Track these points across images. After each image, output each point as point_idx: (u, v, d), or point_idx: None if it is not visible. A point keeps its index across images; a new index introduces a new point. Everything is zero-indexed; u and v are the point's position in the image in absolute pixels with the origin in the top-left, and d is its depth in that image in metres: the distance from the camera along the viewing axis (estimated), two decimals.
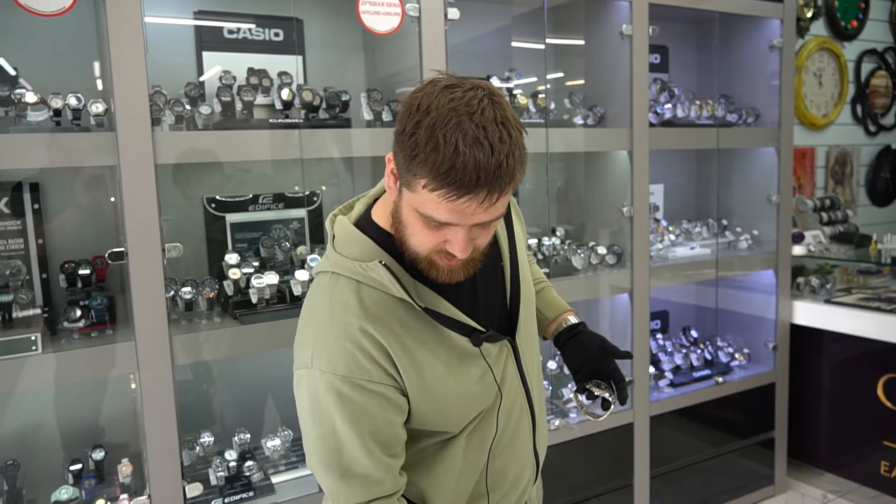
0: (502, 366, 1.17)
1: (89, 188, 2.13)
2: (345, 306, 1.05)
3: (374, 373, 1.03)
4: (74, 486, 1.93)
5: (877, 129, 4.34)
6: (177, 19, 2.21)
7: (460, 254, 1.00)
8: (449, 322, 1.08)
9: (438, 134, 0.90)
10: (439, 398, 1.09)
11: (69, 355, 1.74)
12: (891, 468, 2.94)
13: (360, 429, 1.03)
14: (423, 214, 0.97)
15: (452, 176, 0.89)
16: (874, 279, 3.37)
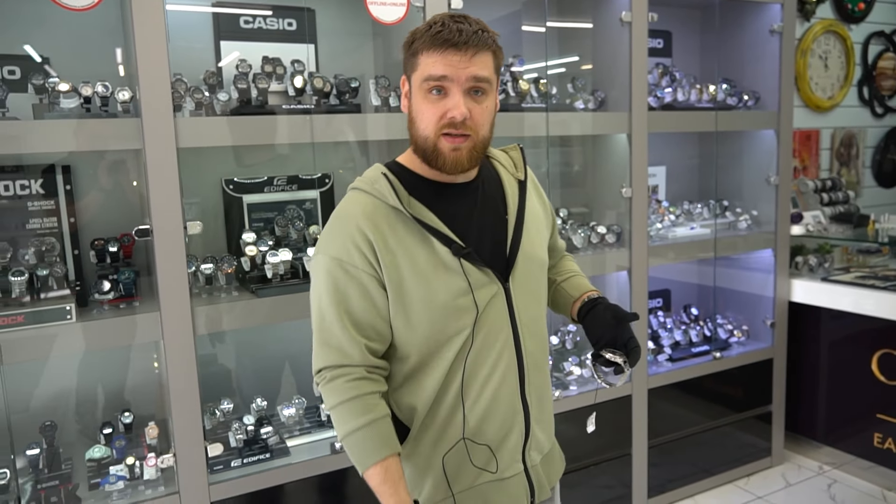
0: (488, 299, 1.29)
1: (115, 171, 2.27)
2: (350, 210, 1.29)
3: (358, 260, 1.24)
4: (106, 446, 2.10)
5: (884, 110, 4.37)
6: (197, 7, 2.33)
7: (458, 114, 1.20)
8: (430, 229, 1.26)
9: (430, 22, 1.24)
10: (412, 296, 1.25)
11: (101, 324, 1.90)
12: (884, 440, 3.04)
13: (338, 306, 1.25)
14: (425, 78, 1.22)
15: (443, 35, 1.20)
16: (873, 258, 3.44)
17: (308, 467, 2.18)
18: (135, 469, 2.04)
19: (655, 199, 3.30)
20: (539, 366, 1.40)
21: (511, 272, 1.33)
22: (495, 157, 1.45)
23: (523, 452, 1.38)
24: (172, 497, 2.00)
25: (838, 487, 3.09)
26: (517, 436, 1.36)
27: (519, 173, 1.43)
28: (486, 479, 1.36)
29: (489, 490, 1.36)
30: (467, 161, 1.26)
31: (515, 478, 1.38)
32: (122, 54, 2.17)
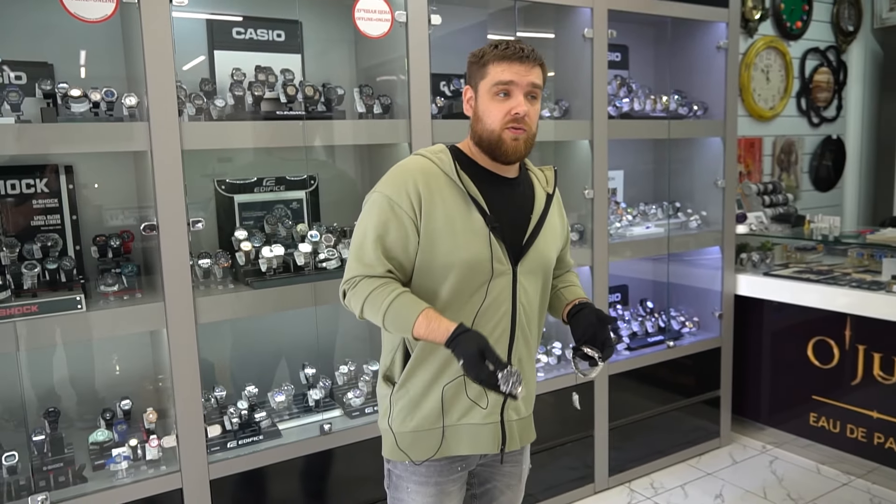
0: (501, 271, 1.55)
1: (114, 171, 2.41)
2: (412, 165, 1.57)
3: (405, 204, 1.51)
4: (108, 430, 2.23)
5: (819, 120, 4.75)
6: (194, 14, 2.48)
7: (521, 110, 1.50)
8: (473, 200, 1.54)
9: (494, 43, 1.55)
10: (440, 245, 1.52)
11: (110, 313, 2.04)
12: (818, 418, 3.36)
13: (378, 233, 1.52)
14: (495, 83, 1.51)
15: (510, 50, 1.52)
16: (809, 255, 3.77)
17: (298, 448, 2.35)
18: (138, 450, 2.18)
19: (614, 200, 3.55)
20: (526, 339, 1.64)
21: (521, 259, 1.58)
22: (533, 171, 1.72)
23: (502, 408, 1.62)
24: (174, 475, 2.15)
25: (779, 464, 3.39)
26: None
27: (549, 188, 1.70)
28: (468, 421, 1.60)
29: (469, 431, 1.60)
30: (524, 149, 1.55)
31: (491, 426, 1.61)
32: (124, 61, 2.30)
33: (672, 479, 3.28)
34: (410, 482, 1.64)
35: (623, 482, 3.23)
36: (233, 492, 2.25)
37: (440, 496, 1.64)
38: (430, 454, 1.60)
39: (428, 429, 1.60)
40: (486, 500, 1.78)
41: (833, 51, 4.76)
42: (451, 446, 1.61)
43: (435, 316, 1.45)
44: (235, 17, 2.55)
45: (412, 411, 1.61)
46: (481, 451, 1.63)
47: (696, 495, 3.12)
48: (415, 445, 1.61)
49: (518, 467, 1.78)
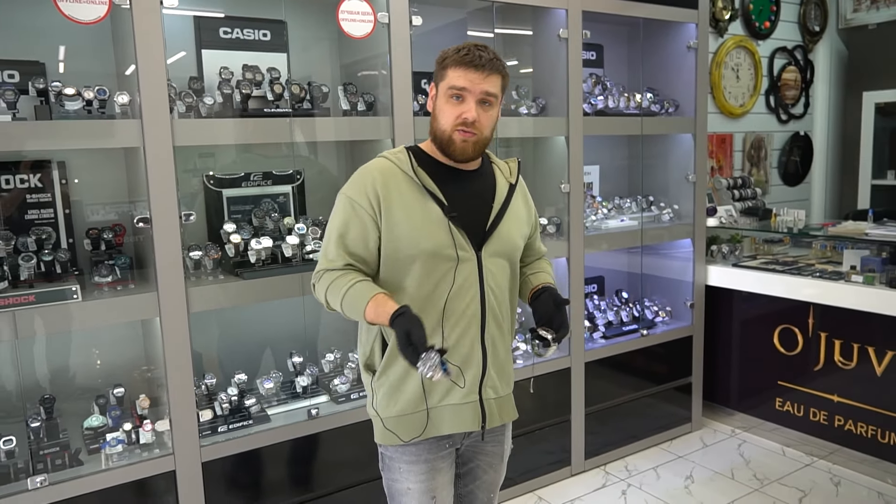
0: (465, 257, 1.64)
1: (105, 167, 2.48)
2: (372, 166, 1.68)
3: (364, 204, 1.63)
4: (102, 416, 2.32)
5: (787, 117, 4.92)
6: (184, 11, 2.55)
7: (470, 116, 1.59)
8: (430, 193, 1.64)
9: (459, 47, 1.63)
10: (403, 238, 1.63)
11: (105, 303, 2.12)
12: (783, 403, 3.52)
13: (339, 230, 1.65)
14: (449, 87, 1.60)
15: (468, 57, 1.59)
16: (777, 247, 3.93)
17: (287, 431, 2.45)
18: (132, 434, 2.27)
19: (590, 194, 3.69)
20: (498, 322, 1.73)
21: (484, 245, 1.68)
22: (497, 164, 1.82)
23: (480, 386, 1.71)
24: (167, 458, 2.24)
25: (746, 447, 3.55)
26: (475, 369, 1.70)
27: (511, 178, 1.80)
28: (448, 402, 1.69)
29: (450, 411, 1.70)
30: (472, 151, 1.65)
31: (471, 405, 1.71)
32: (115, 60, 2.38)
33: (645, 461, 3.42)
34: (402, 462, 1.73)
35: (599, 465, 3.37)
36: (224, 474, 2.35)
37: (431, 472, 1.73)
38: (417, 434, 1.69)
39: (412, 412, 1.69)
40: (470, 479, 1.87)
41: (800, 50, 4.93)
42: (436, 426, 1.70)
43: (382, 300, 1.55)
44: (219, 14, 2.62)
45: (394, 396, 1.70)
46: (464, 429, 1.72)
47: (668, 477, 3.26)
48: (401, 427, 1.70)
49: (500, 447, 1.87)
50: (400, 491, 1.75)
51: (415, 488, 1.72)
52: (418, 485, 1.72)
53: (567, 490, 3.16)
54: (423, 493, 1.72)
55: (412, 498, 1.73)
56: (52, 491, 2.06)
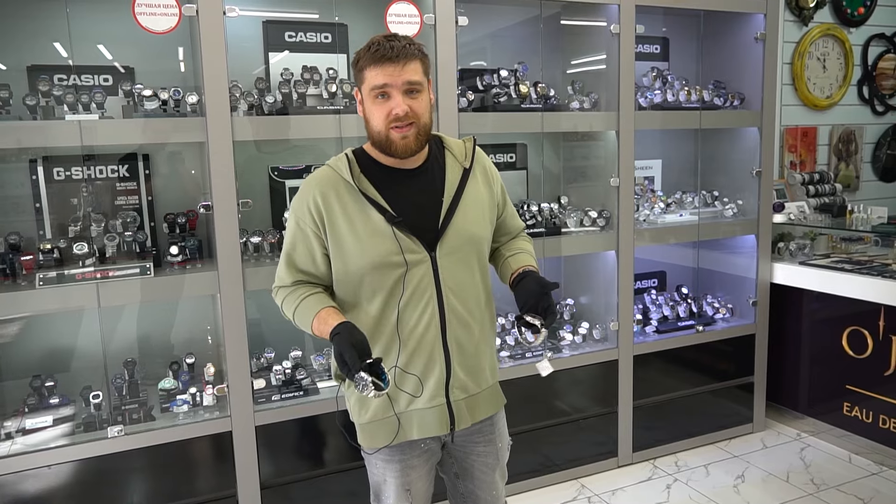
0: (416, 261, 1.62)
1: (183, 159, 2.80)
2: (312, 179, 1.68)
3: (307, 220, 1.65)
4: (174, 380, 2.63)
5: (885, 108, 4.62)
6: (252, 11, 2.82)
7: (401, 110, 1.55)
8: (370, 201, 1.62)
9: (369, 43, 1.59)
10: (349, 250, 1.63)
11: (172, 279, 2.42)
12: (851, 408, 3.37)
13: (287, 249, 1.71)
14: (371, 88, 1.56)
15: (379, 52, 1.55)
16: (855, 245, 3.73)
17: (332, 404, 2.66)
18: (196, 397, 2.57)
19: (650, 188, 3.67)
20: (463, 320, 1.70)
21: (438, 243, 1.64)
22: (449, 148, 1.75)
23: (447, 388, 1.71)
24: (225, 420, 2.51)
25: (809, 451, 3.43)
26: (439, 373, 1.69)
27: (465, 162, 1.73)
28: (415, 406, 1.71)
29: (417, 415, 1.72)
30: (415, 144, 1.61)
31: (438, 408, 1.71)
32: (190, 64, 2.67)
33: (697, 458, 3.39)
34: (378, 459, 1.78)
35: (648, 458, 3.37)
36: (276, 437, 2.60)
37: (405, 470, 1.76)
38: (387, 442, 1.71)
39: (382, 418, 1.71)
40: (468, 479, 1.86)
41: None
42: (406, 432, 1.72)
43: (325, 317, 1.60)
44: (284, 17, 2.87)
45: (364, 404, 1.73)
46: (430, 434, 1.72)
47: (718, 475, 3.22)
48: (374, 435, 1.73)
49: (492, 446, 1.84)
50: (378, 482, 1.82)
51: (391, 481, 1.77)
52: (394, 479, 1.77)
53: (611, 480, 3.19)
54: (398, 486, 1.77)
55: (389, 487, 1.78)
56: (128, 440, 2.38)
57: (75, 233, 2.46)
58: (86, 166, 2.59)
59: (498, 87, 2.97)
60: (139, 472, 2.42)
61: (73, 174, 2.58)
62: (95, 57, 2.62)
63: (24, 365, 2.59)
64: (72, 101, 2.34)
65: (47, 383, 2.51)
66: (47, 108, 2.34)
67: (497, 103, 2.92)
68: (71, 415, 2.45)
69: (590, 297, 3.42)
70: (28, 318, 2.59)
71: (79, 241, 2.38)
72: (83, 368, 2.66)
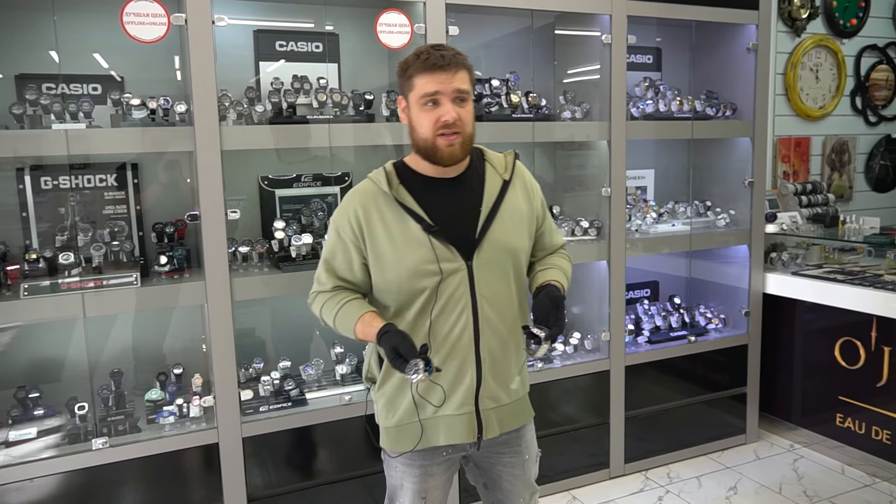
0: (451, 270, 1.65)
1: (172, 168, 2.78)
2: (355, 192, 1.74)
3: (347, 231, 1.70)
4: (161, 391, 2.61)
5: (878, 119, 4.63)
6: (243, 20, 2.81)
7: (450, 117, 1.59)
8: (408, 210, 1.66)
9: (417, 52, 1.63)
10: (387, 258, 1.68)
11: (159, 289, 2.40)
12: (844, 419, 3.35)
13: (327, 256, 1.77)
14: (422, 95, 1.60)
15: (431, 60, 1.59)
16: (847, 256, 3.73)
17: (321, 415, 2.64)
18: (183, 408, 2.54)
19: (643, 198, 3.67)
20: (497, 331, 1.71)
21: (475, 253, 1.67)
22: (490, 160, 1.79)
23: (476, 398, 1.73)
24: (212, 431, 2.49)
25: (802, 462, 3.41)
26: (469, 381, 1.71)
27: (505, 174, 1.77)
28: (443, 413, 1.72)
29: (445, 422, 1.74)
30: (460, 152, 1.65)
31: (467, 415, 1.73)
32: (179, 73, 2.67)
33: (689, 470, 3.37)
34: (398, 463, 1.80)
35: (640, 470, 3.35)
36: (264, 449, 2.57)
37: (424, 476, 1.79)
38: (412, 447, 1.74)
39: (408, 423, 1.74)
40: (496, 489, 1.88)
41: (894, 47, 4.62)
42: (430, 437, 1.74)
43: (369, 320, 1.64)
44: (282, 24, 2.87)
45: (391, 409, 1.77)
46: (457, 441, 1.74)
47: (710, 486, 3.20)
48: (398, 439, 1.76)
49: (518, 458, 1.85)
50: (395, 486, 1.84)
51: (408, 486, 1.80)
52: (411, 485, 1.79)
53: (603, 492, 3.17)
54: (415, 492, 1.79)
55: (405, 493, 1.80)
56: (112, 452, 2.35)
57: (62, 242, 2.45)
58: (73, 175, 2.57)
59: (489, 97, 2.97)
60: (124, 485, 2.39)
61: (60, 183, 2.57)
62: (84, 66, 2.61)
63: (9, 376, 2.57)
64: (59, 110, 2.33)
65: (32, 394, 2.48)
66: (34, 116, 2.32)
67: (488, 113, 2.92)
68: (56, 426, 2.42)
69: (581, 307, 3.41)
70: (13, 329, 2.57)
71: (65, 251, 2.36)
72: (70, 379, 2.63)
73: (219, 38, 2.45)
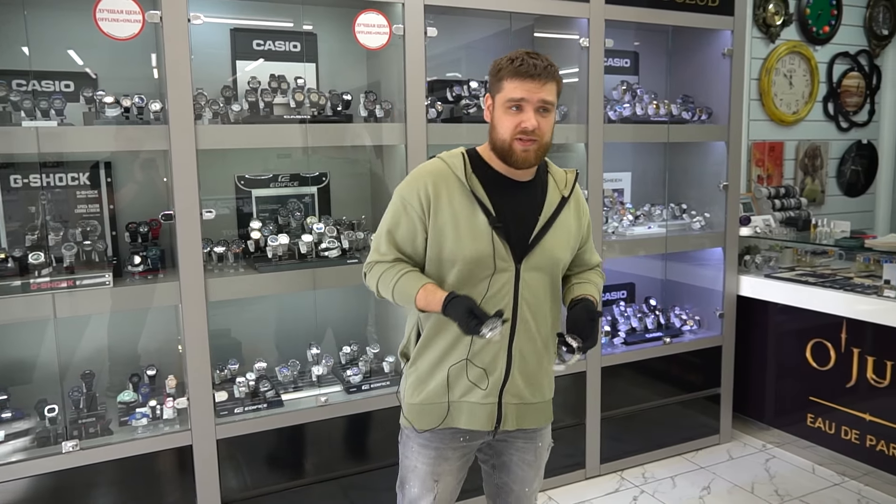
0: (504, 266, 1.70)
1: (146, 167, 2.75)
2: (427, 168, 1.76)
3: (415, 204, 1.72)
4: (134, 392, 2.57)
5: (849, 125, 4.72)
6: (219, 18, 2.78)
7: (530, 125, 1.63)
8: (478, 201, 1.70)
9: (511, 56, 1.66)
10: (447, 241, 1.70)
11: (132, 289, 2.37)
12: (815, 419, 3.41)
13: (389, 226, 1.77)
14: (507, 99, 1.64)
15: (522, 67, 1.62)
16: (819, 259, 3.80)
17: (297, 416, 2.63)
18: (156, 410, 2.51)
19: (620, 200, 3.70)
20: (530, 333, 1.76)
21: (526, 257, 1.72)
22: (553, 173, 1.84)
23: (501, 390, 1.77)
24: (185, 433, 2.46)
25: (774, 462, 3.46)
26: (497, 375, 1.77)
27: (565, 191, 1.82)
28: (468, 399, 1.77)
29: (468, 408, 1.78)
30: (534, 159, 1.69)
31: (489, 406, 1.78)
32: (156, 71, 2.63)
33: (664, 470, 3.40)
34: (415, 443, 1.85)
35: (615, 470, 3.38)
36: (238, 451, 2.55)
37: (438, 459, 1.83)
38: (435, 425, 1.79)
39: (434, 402, 1.79)
40: (505, 472, 1.93)
41: (865, 55, 4.71)
42: (453, 419, 1.79)
43: (432, 289, 1.67)
44: (259, 23, 2.84)
45: (420, 386, 1.81)
46: (476, 427, 1.79)
47: (684, 486, 3.24)
48: (421, 416, 1.81)
49: (531, 444, 1.90)
50: (408, 467, 1.88)
51: (420, 468, 1.84)
52: (424, 466, 1.84)
53: (578, 492, 3.19)
54: (427, 474, 1.84)
55: (417, 476, 1.85)
56: (83, 455, 2.32)
57: (32, 242, 2.40)
58: (45, 174, 2.53)
59: (468, 99, 2.97)
60: (96, 488, 2.36)
61: (31, 182, 2.52)
62: (56, 63, 2.56)
63: None
64: (29, 107, 2.29)
65: (0, 397, 2.44)
66: (4, 113, 2.28)
67: (467, 114, 2.92)
68: (25, 429, 2.38)
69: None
70: None
71: (36, 251, 2.32)
72: (40, 381, 2.59)
73: (195, 37, 2.42)
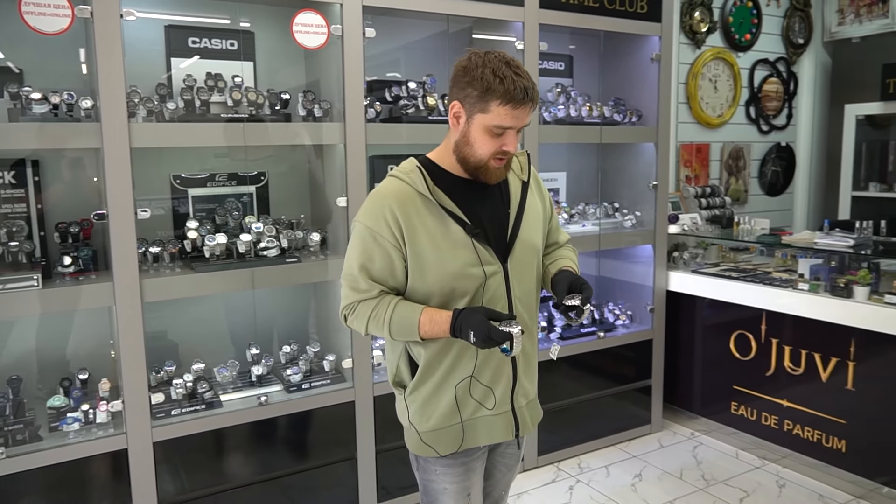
0: (492, 272, 1.64)
1: (76, 166, 2.68)
2: (386, 191, 1.64)
3: (385, 234, 1.60)
4: (65, 396, 2.50)
5: (769, 128, 4.98)
6: (153, 14, 2.73)
7: (513, 149, 1.59)
8: (449, 213, 1.62)
9: (499, 74, 1.52)
10: (429, 263, 1.62)
11: (62, 291, 2.31)
12: (738, 407, 3.60)
13: (362, 261, 1.63)
14: (495, 126, 1.55)
15: (515, 93, 1.52)
16: (742, 255, 4.00)
17: (236, 417, 2.61)
18: (89, 414, 2.45)
19: (556, 199, 3.81)
20: (527, 329, 1.72)
21: (509, 254, 1.68)
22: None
23: (512, 396, 1.74)
24: (120, 437, 2.41)
25: (701, 449, 3.64)
26: (506, 382, 1.72)
27: (523, 175, 1.77)
28: (482, 414, 1.72)
29: (484, 423, 1.74)
30: (505, 172, 1.67)
31: (504, 415, 1.74)
32: (86, 68, 2.56)
33: (598, 460, 3.53)
34: (438, 465, 1.76)
35: (552, 462, 3.48)
36: (176, 454, 2.52)
37: (467, 473, 1.77)
38: (454, 448, 1.72)
39: (447, 426, 1.71)
40: (487, 476, 1.89)
41: (783, 62, 4.98)
42: (471, 439, 1.73)
43: (434, 311, 1.59)
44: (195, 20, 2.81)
45: (427, 411, 1.72)
46: (498, 440, 1.76)
47: (618, 475, 3.37)
48: (439, 441, 1.72)
49: (518, 450, 1.91)
50: (437, 490, 1.80)
51: (451, 488, 1.77)
52: (454, 485, 1.77)
53: (517, 484, 3.27)
54: (458, 492, 1.78)
55: (449, 497, 1.78)
56: (11, 463, 2.25)
57: None
58: None
59: (406, 99, 3.01)
60: (26, 497, 2.29)
61: None
62: None
63: None
64: None
65: None
66: None
67: (405, 115, 2.96)
68: None
69: None
70: None
71: None
72: None
73: (128, 33, 2.38)
